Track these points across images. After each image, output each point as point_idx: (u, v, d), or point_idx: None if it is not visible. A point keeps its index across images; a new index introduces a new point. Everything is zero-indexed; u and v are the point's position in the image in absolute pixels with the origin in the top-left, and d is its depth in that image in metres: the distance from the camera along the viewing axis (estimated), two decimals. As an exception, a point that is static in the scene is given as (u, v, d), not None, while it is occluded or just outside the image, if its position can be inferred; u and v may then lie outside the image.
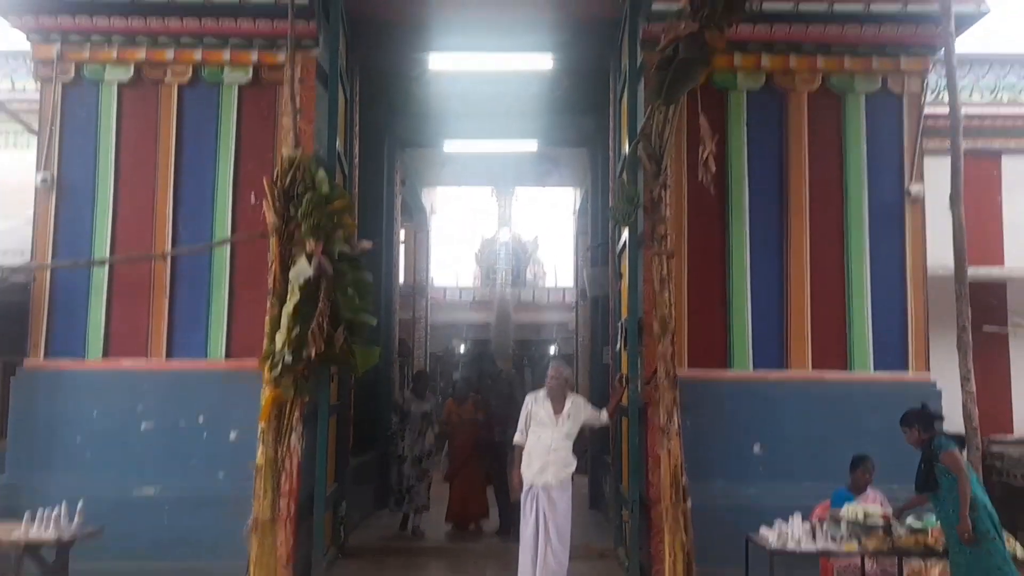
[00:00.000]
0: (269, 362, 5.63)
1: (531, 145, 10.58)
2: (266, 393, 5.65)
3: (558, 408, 5.80)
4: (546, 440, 5.73)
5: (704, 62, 5.34)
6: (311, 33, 6.43)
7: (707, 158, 5.49)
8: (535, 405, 5.83)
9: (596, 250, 9.61)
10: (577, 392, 7.01)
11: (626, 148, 6.53)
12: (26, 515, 5.19)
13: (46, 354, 6.51)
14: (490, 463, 8.31)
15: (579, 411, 5.84)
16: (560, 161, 11.67)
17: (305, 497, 6.04)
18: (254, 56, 6.63)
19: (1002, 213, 8.37)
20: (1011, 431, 8.15)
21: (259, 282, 6.21)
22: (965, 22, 6.39)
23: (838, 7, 6.43)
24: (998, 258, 8.33)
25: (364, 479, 8.65)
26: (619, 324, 7.07)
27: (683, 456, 5.53)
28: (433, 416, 8.46)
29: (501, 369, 13.52)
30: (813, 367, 6.51)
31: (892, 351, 6.56)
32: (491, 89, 8.67)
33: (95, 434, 6.36)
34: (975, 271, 6.71)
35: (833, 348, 6.54)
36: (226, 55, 6.64)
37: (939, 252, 6.65)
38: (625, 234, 6.52)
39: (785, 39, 6.55)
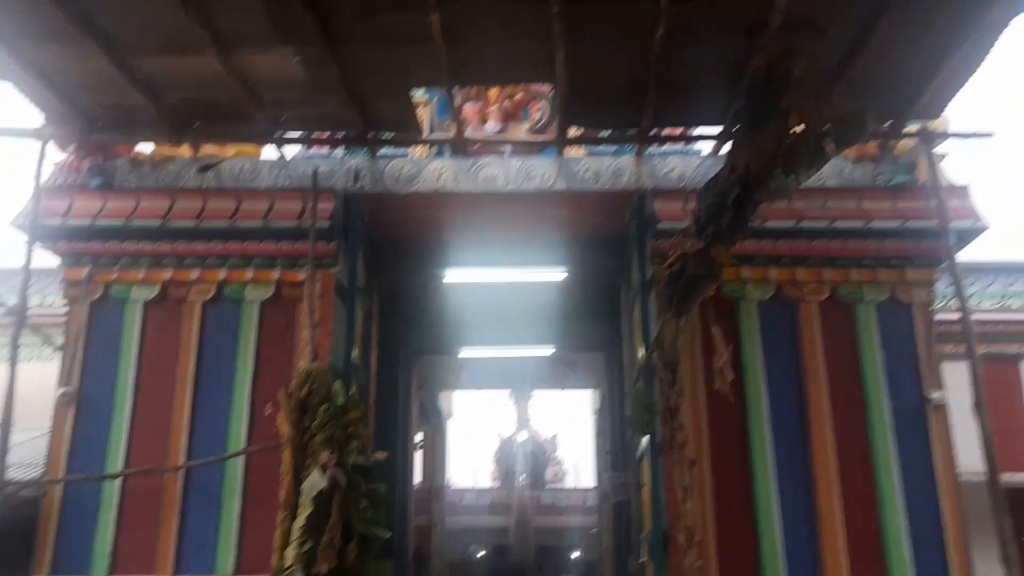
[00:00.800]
0: (280, 577, 5.45)
1: (547, 351, 10.72)
2: (280, 611, 5.43)
3: None
4: None
5: (713, 277, 5.47)
6: (331, 253, 6.72)
7: (723, 367, 5.52)
8: None
9: (616, 455, 9.45)
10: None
11: (640, 355, 6.59)
12: None
13: (51, 572, 6.31)
14: None
15: None
16: (576, 365, 11.77)
17: None
18: (276, 274, 6.88)
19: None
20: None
21: (271, 495, 6.12)
22: (965, 237, 6.57)
23: (839, 224, 6.66)
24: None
25: None
26: (641, 536, 6.83)
27: None
28: None
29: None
30: (853, 583, 6.16)
31: (932, 564, 6.22)
32: (506, 299, 8.92)
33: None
34: (1007, 478, 6.50)
35: (871, 562, 6.21)
36: (249, 274, 6.90)
37: (964, 458, 6.48)
38: (644, 442, 6.44)
39: (790, 253, 6.74)
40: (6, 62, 5.52)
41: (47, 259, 7.14)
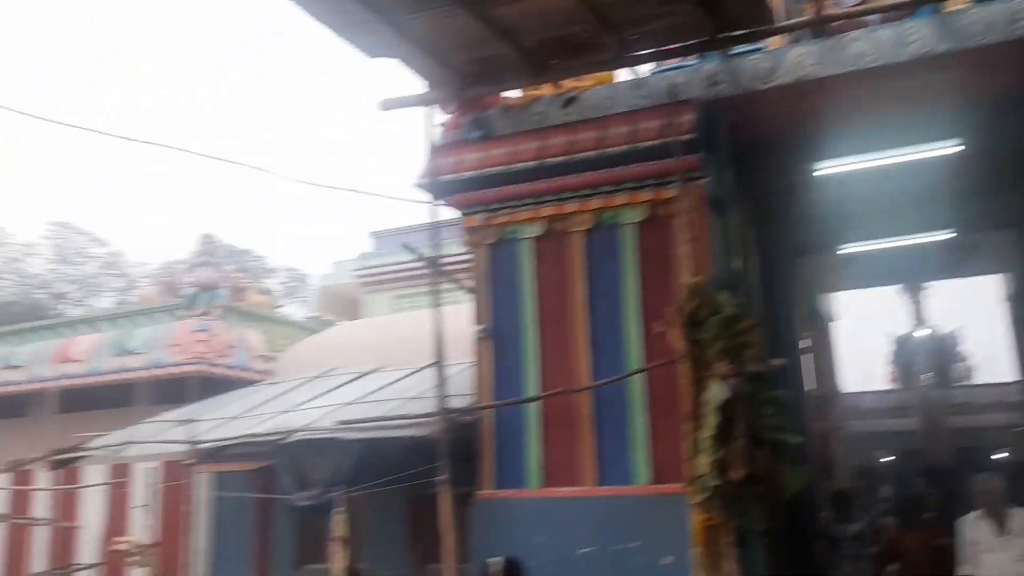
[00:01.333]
0: (695, 486, 5.68)
1: (942, 235, 9.67)
2: (695, 517, 5.68)
3: (1000, 526, 5.05)
4: (1001, 567, 4.98)
5: None
6: (697, 165, 6.69)
7: None
8: (974, 530, 5.15)
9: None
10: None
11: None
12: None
13: (495, 485, 7.22)
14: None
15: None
16: (979, 248, 10.47)
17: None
18: (648, 195, 7.02)
19: None
20: None
21: (675, 407, 6.36)
22: None
23: None
24: None
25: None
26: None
27: None
28: (867, 538, 7.69)
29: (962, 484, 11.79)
30: None
31: None
32: (889, 185, 8.17)
33: (542, 558, 6.76)
34: None
35: None
36: (623, 198, 7.13)
37: None
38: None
39: None
40: (392, 39, 6.20)
41: (449, 212, 8.05)
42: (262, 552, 10.91)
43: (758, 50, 6.80)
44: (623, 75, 7.34)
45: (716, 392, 5.71)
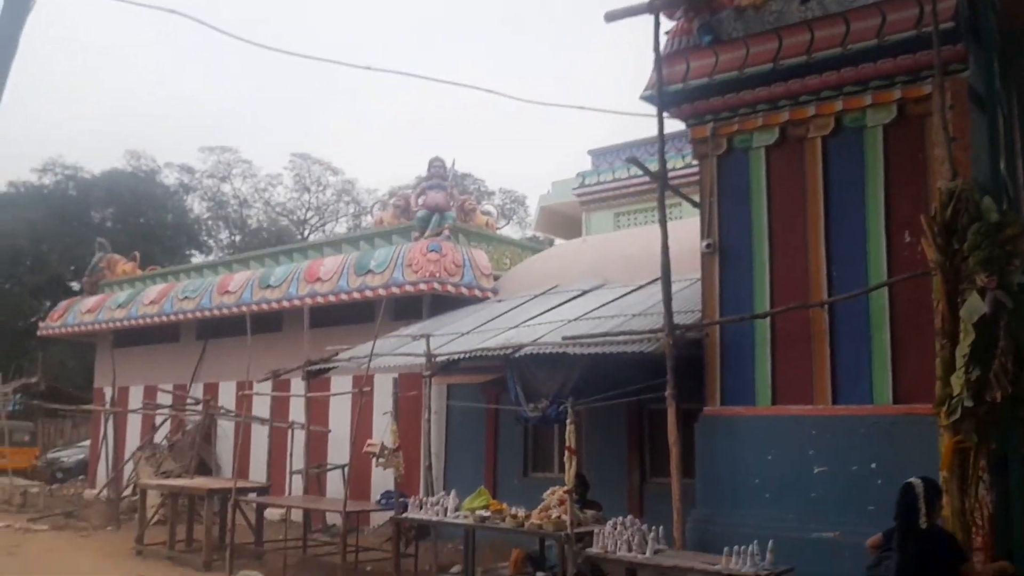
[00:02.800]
0: (946, 407, 5.31)
1: None
2: (945, 440, 5.34)
3: None
4: None
5: None
6: (960, 56, 6.05)
7: None
8: None
9: None
10: None
11: None
12: (725, 550, 5.75)
13: (721, 402, 7.15)
14: None
15: None
16: None
17: (1001, 555, 5.46)
18: (897, 93, 6.47)
19: None
20: None
21: (922, 323, 5.97)
22: None
23: None
24: None
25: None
26: None
27: None
28: None
29: None
30: None
31: None
32: None
33: (771, 476, 6.74)
34: None
35: None
36: (868, 99, 6.61)
37: None
38: None
39: None
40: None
41: (673, 125, 7.81)
42: (492, 459, 11.59)
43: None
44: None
45: (974, 306, 5.26)
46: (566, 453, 7.06)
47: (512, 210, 40.79)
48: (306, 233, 40.25)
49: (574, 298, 10.36)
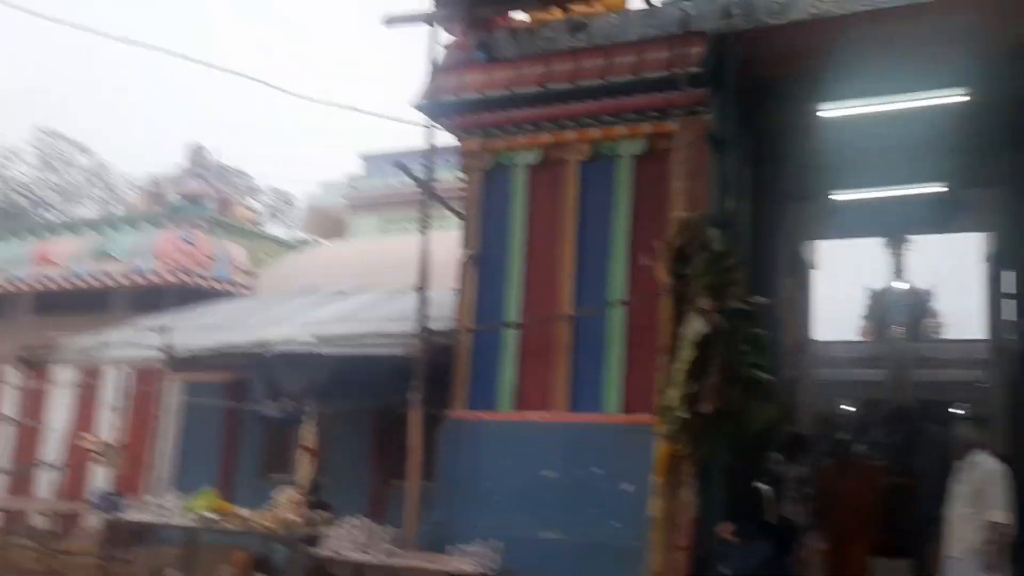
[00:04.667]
0: (664, 417, 5.76)
1: (935, 188, 9.67)
2: (661, 447, 5.79)
3: (961, 472, 5.60)
4: (956, 508, 5.53)
5: None
6: (703, 100, 6.61)
7: None
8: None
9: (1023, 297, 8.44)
10: (1000, 461, 6.22)
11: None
12: (452, 549, 5.86)
13: (467, 406, 7.30)
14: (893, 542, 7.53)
15: (985, 482, 5.29)
16: (968, 204, 10.49)
17: (700, 555, 6.00)
18: (647, 127, 6.96)
19: None
20: None
21: (652, 341, 6.42)
22: None
23: None
24: None
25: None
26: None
27: None
28: (809, 481, 7.92)
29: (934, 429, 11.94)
30: None
31: None
32: (890, 132, 8.10)
33: (508, 480, 6.96)
34: None
35: None
36: (622, 130, 7.07)
37: None
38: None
39: None
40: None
41: (445, 138, 7.90)
42: (229, 460, 10.99)
43: (777, -18, 6.66)
44: (635, 3, 7.19)
45: (695, 326, 5.76)
46: (302, 453, 6.87)
47: (281, 209, 39.34)
48: (46, 214, 36.29)
49: (332, 300, 10.14)
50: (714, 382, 5.65)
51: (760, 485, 7.03)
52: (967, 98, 7.20)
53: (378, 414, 9.68)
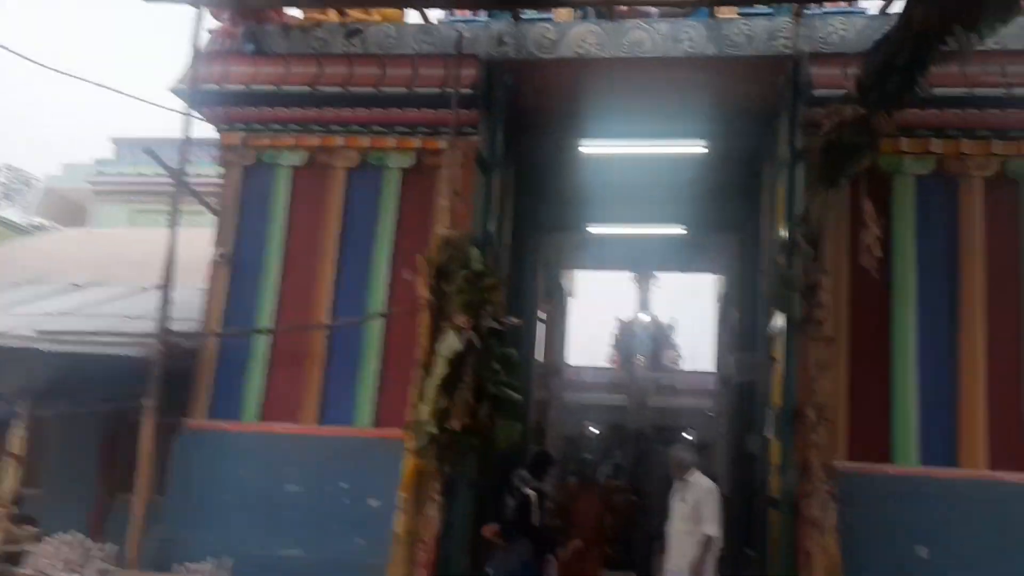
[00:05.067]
0: (414, 432, 5.76)
1: (677, 230, 10.55)
2: (409, 462, 5.76)
3: (681, 492, 5.84)
4: (674, 526, 5.71)
5: (870, 147, 5.21)
6: (473, 121, 6.72)
7: (871, 243, 5.32)
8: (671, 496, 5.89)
9: (745, 336, 9.37)
10: (713, 480, 6.83)
11: (781, 233, 6.40)
12: (177, 568, 5.46)
13: (208, 415, 6.87)
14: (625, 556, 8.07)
15: (699, 499, 5.82)
16: (706, 246, 11.55)
17: (442, 571, 6.03)
18: (418, 142, 6.97)
19: None
20: None
21: (408, 355, 6.38)
22: None
23: (1018, 91, 6.13)
24: None
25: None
26: (769, 411, 6.81)
27: (839, 555, 5.24)
28: (551, 498, 8.30)
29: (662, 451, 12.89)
30: (988, 467, 6.01)
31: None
32: (641, 174, 8.74)
33: (248, 493, 6.61)
34: None
35: (1012, 446, 6.02)
36: (392, 141, 7.02)
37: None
38: (780, 319, 6.33)
39: (959, 124, 6.28)
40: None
41: (205, 129, 7.45)
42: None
43: (548, 20, 6.95)
44: (413, 17, 7.19)
45: (450, 343, 5.80)
46: (7, 460, 6.12)
47: (16, 189, 35.30)
48: None
49: (63, 293, 9.18)
50: (464, 399, 5.72)
51: (528, 491, 7.24)
52: (705, 150, 7.91)
53: (108, 421, 8.90)
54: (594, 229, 10.83)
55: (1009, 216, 6.28)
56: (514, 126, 7.44)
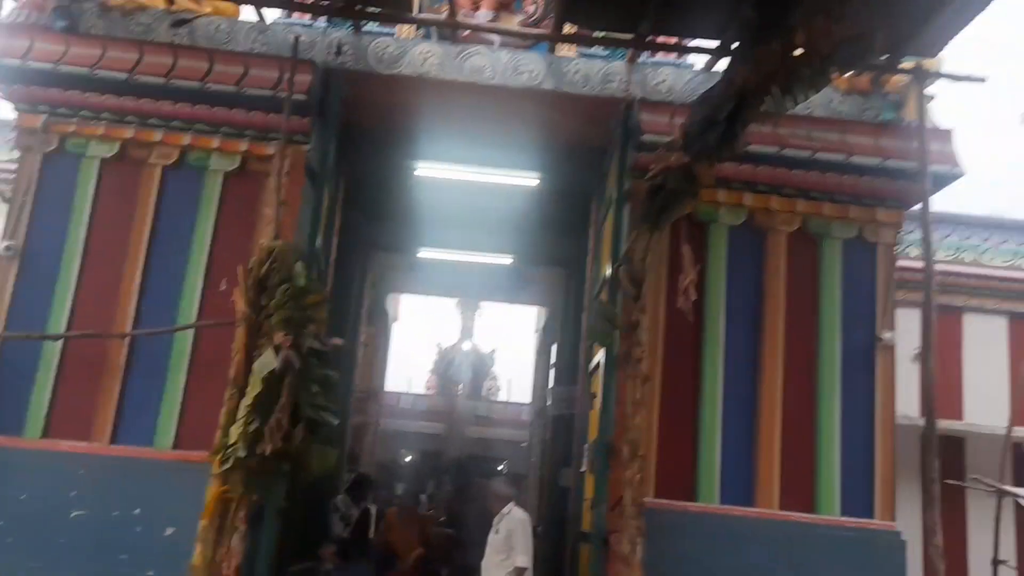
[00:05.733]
0: (220, 456, 5.40)
1: (505, 260, 10.66)
2: (212, 488, 5.39)
3: (496, 524, 5.97)
4: (488, 558, 5.80)
5: (692, 194, 5.46)
6: (304, 129, 6.47)
7: (687, 286, 5.55)
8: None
9: (563, 370, 9.56)
10: (526, 512, 6.87)
11: (605, 271, 6.59)
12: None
13: (-16, 431, 6.14)
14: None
15: (512, 530, 5.85)
16: (532, 279, 11.75)
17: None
18: (243, 145, 6.60)
19: (962, 369, 8.60)
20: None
21: (219, 372, 5.99)
22: (940, 182, 6.66)
23: (820, 155, 6.66)
24: (957, 413, 8.51)
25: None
26: (585, 446, 6.95)
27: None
28: (368, 524, 8.14)
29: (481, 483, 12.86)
30: (780, 507, 6.39)
31: (858, 497, 6.48)
32: (472, 201, 8.77)
33: (22, 518, 5.94)
34: (941, 424, 6.79)
35: (801, 489, 6.45)
36: (216, 141, 6.61)
37: (901, 403, 6.77)
38: (600, 355, 6.49)
39: (769, 180, 6.73)
40: None
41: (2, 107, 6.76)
42: None
43: (389, 35, 6.84)
44: (247, 14, 6.84)
45: (267, 361, 5.50)
46: None
47: None
48: None
49: None
50: (277, 421, 5.43)
51: (369, 506, 7.03)
52: (538, 182, 8.05)
53: None
54: (422, 253, 10.75)
55: (809, 271, 6.78)
56: (347, 139, 7.25)
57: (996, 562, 7.75)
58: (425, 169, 8.12)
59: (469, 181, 8.28)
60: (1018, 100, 47.87)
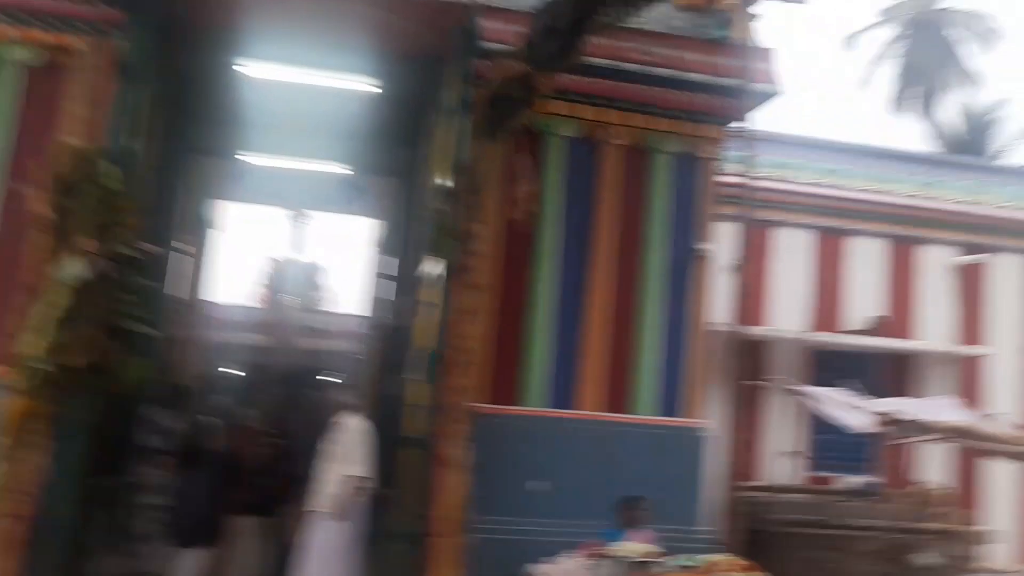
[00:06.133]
0: (22, 369, 5.01)
1: (339, 169, 10.26)
2: (14, 403, 5.01)
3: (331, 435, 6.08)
4: (322, 468, 6.02)
5: (529, 103, 5.45)
6: (117, 20, 5.93)
7: (523, 197, 5.60)
8: None
9: (400, 281, 9.45)
10: (366, 421, 6.88)
11: (442, 181, 6.49)
12: None
13: None
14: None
15: (348, 439, 5.90)
16: (367, 189, 11.40)
17: (45, 524, 5.35)
18: (50, 38, 6.02)
19: (773, 280, 9.29)
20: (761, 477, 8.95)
21: (15, 280, 5.58)
22: (760, 99, 6.99)
23: (656, 70, 6.81)
24: (760, 320, 9.22)
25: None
26: (414, 353, 6.97)
27: (467, 490, 5.54)
28: (193, 437, 7.83)
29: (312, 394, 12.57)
30: (601, 409, 6.75)
31: (671, 398, 6.97)
32: (304, 107, 8.28)
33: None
34: (747, 330, 7.37)
35: (621, 392, 6.85)
36: (16, 32, 5.98)
37: (718, 312, 7.26)
38: (436, 265, 6.46)
39: (606, 93, 6.84)
40: None
41: None
42: None
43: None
44: None
45: (74, 269, 5.13)
46: None
47: None
48: None
49: None
50: (89, 332, 5.10)
51: (208, 418, 6.65)
52: (378, 90, 7.74)
53: None
54: (251, 159, 10.16)
55: (639, 184, 7.01)
56: (167, 34, 6.63)
57: (795, 453, 8.61)
58: (253, 69, 7.58)
59: (301, 84, 7.79)
60: (844, 25, 50.84)
